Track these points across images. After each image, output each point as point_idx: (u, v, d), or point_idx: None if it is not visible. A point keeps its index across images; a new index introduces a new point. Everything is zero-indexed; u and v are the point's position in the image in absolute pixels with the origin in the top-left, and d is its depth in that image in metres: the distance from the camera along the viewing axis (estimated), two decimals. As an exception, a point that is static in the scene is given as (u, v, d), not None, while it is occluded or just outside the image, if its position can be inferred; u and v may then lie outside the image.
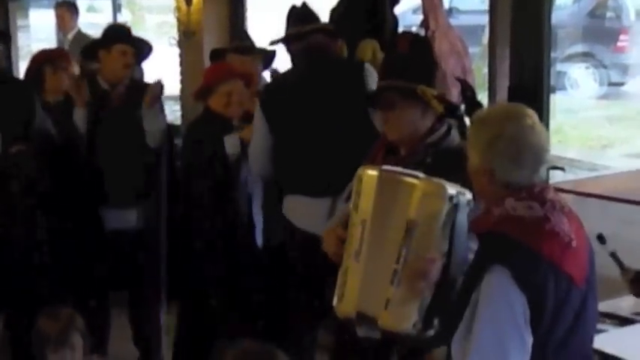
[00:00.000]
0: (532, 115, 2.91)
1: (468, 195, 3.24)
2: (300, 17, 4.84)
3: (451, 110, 3.75)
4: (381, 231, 3.39)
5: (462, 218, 3.24)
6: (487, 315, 2.73)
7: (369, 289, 3.40)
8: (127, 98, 5.42)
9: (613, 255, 4.33)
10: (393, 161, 3.69)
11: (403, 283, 3.26)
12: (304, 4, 4.92)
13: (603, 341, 3.54)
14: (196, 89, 5.28)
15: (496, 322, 2.72)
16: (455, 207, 3.22)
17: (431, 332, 3.27)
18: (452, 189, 3.23)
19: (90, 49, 5.68)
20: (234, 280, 5.11)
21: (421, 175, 3.36)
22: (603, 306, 4.24)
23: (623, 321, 4.00)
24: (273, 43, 5.12)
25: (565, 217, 2.86)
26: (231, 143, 5.05)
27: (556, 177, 7.01)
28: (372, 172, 3.49)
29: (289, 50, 4.91)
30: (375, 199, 3.44)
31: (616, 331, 3.84)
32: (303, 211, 4.65)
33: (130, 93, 5.44)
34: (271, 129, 4.80)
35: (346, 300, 3.50)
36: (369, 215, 3.44)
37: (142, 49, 5.55)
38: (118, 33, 5.58)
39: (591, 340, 2.96)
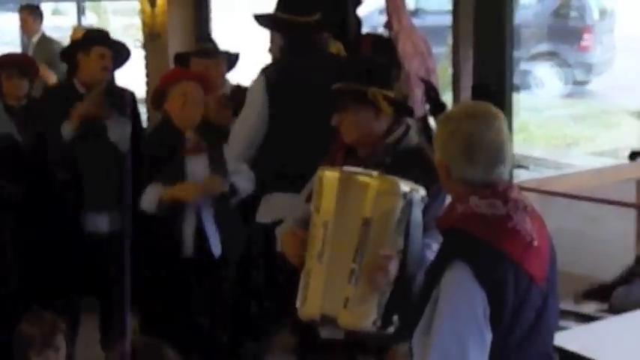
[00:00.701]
0: (496, 114, 2.93)
1: (422, 191, 3.28)
2: (295, 5, 4.79)
3: (404, 112, 3.77)
4: (342, 231, 3.42)
5: (417, 214, 3.28)
6: (447, 311, 2.75)
7: (331, 289, 3.42)
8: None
9: None
10: (353, 162, 3.71)
11: (361, 281, 3.29)
12: None
13: (566, 339, 3.57)
14: (151, 96, 5.17)
15: (456, 317, 2.74)
16: (409, 203, 3.25)
17: (391, 329, 3.30)
18: (405, 186, 3.27)
19: (68, 51, 5.65)
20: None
21: (375, 173, 3.39)
22: (568, 304, 4.31)
23: (587, 319, 4.03)
24: (259, 18, 4.98)
25: (528, 216, 2.88)
26: None
27: (521, 176, 7.06)
28: (332, 174, 3.51)
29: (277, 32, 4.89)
30: (336, 200, 3.46)
31: (579, 328, 3.87)
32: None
33: (107, 97, 5.39)
34: (272, 115, 4.73)
35: (310, 302, 3.51)
36: (330, 216, 3.46)
37: (121, 52, 5.50)
38: (96, 36, 5.54)
39: (552, 339, 2.99)
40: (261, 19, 4.91)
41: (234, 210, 4.96)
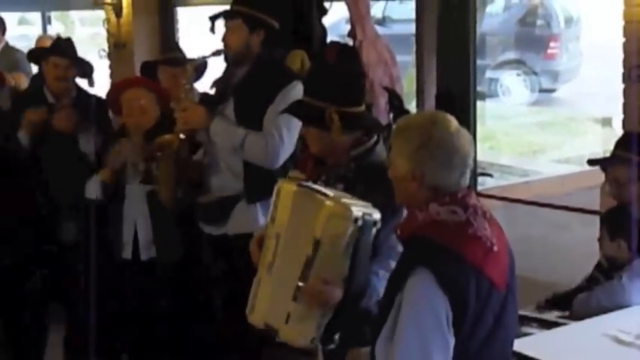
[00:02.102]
0: (454, 120, 2.97)
1: (376, 215, 3.29)
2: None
3: (358, 129, 3.75)
4: (292, 246, 3.43)
5: (366, 241, 3.28)
6: (411, 316, 2.77)
7: (276, 302, 3.45)
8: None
9: None
10: (321, 171, 3.73)
11: (303, 300, 3.31)
12: None
13: (526, 345, 3.59)
14: (109, 105, 5.26)
15: (419, 323, 2.75)
16: (360, 229, 3.26)
17: (331, 346, 3.34)
18: (359, 210, 3.27)
19: (34, 59, 5.70)
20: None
21: (332, 193, 3.39)
22: (533, 310, 4.33)
23: (548, 324, 4.06)
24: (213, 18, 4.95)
25: (487, 222, 2.91)
26: None
27: (486, 183, 7.10)
28: (290, 186, 3.52)
29: None
30: (290, 213, 3.47)
31: (539, 335, 3.90)
32: None
33: (76, 108, 5.38)
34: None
35: (256, 311, 3.54)
36: (283, 229, 3.48)
37: (80, 63, 5.48)
38: (55, 45, 5.53)
39: (511, 344, 3.01)
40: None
41: (171, 214, 4.93)
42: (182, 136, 4.69)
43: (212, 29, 4.69)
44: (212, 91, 4.91)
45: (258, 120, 4.54)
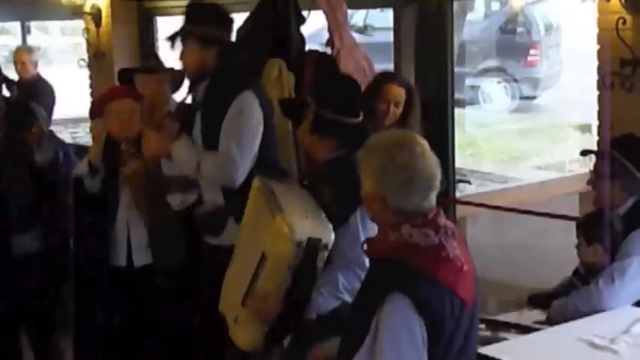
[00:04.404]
0: (422, 143, 2.97)
1: (326, 237, 3.35)
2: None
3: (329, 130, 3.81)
4: (249, 244, 3.52)
5: (310, 262, 3.37)
6: (388, 341, 2.79)
7: (231, 297, 3.52)
8: (8, 123, 5.37)
9: None
10: (311, 167, 3.90)
11: (248, 308, 3.41)
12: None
13: (502, 350, 3.62)
14: (89, 111, 5.29)
15: (397, 347, 2.78)
16: (306, 252, 3.31)
17: (277, 350, 3.41)
18: (304, 234, 3.31)
19: None
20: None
21: (286, 209, 3.44)
22: (507, 316, 4.36)
23: (524, 330, 4.08)
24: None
25: (455, 241, 2.95)
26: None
27: (466, 190, 7.12)
28: (256, 184, 3.62)
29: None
30: (251, 209, 3.55)
31: (517, 339, 3.92)
32: None
33: (11, 116, 5.38)
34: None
35: (222, 298, 3.65)
36: (245, 225, 3.55)
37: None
38: None
39: (474, 353, 3.07)
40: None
41: (172, 219, 4.94)
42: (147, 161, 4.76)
43: (172, 46, 4.70)
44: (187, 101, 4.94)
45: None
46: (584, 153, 4.51)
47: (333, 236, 3.39)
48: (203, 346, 4.83)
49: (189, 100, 4.93)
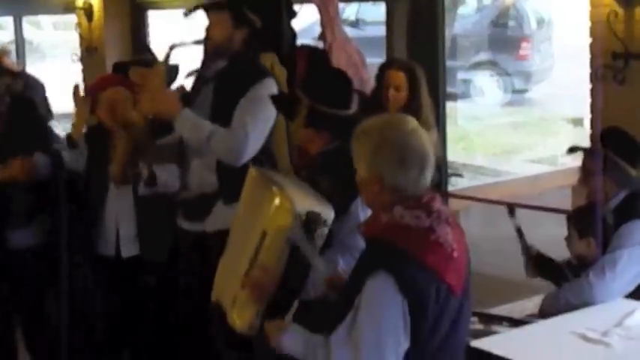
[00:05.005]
0: (412, 121, 3.00)
1: (326, 214, 3.35)
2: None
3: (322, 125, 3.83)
4: (245, 230, 3.53)
5: (309, 236, 3.35)
6: (369, 320, 2.80)
7: (228, 283, 3.53)
8: (9, 117, 5.38)
9: (519, 230, 4.66)
10: (304, 160, 3.86)
11: (247, 287, 3.39)
12: None
13: (494, 343, 3.63)
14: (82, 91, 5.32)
15: (378, 329, 2.78)
16: (304, 225, 3.32)
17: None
18: (304, 207, 3.33)
19: None
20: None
21: (288, 185, 3.47)
22: (499, 309, 4.37)
23: (515, 323, 4.09)
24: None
25: (449, 227, 2.95)
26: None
27: (459, 184, 7.13)
28: (252, 172, 3.65)
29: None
30: (247, 198, 3.57)
31: (508, 332, 3.93)
32: None
33: (13, 110, 5.38)
34: None
35: (215, 287, 3.70)
36: (242, 211, 3.58)
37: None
38: None
39: (463, 346, 3.07)
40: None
41: (161, 210, 4.93)
42: (150, 116, 4.69)
43: (186, 15, 4.68)
44: (187, 82, 4.92)
45: (232, 113, 4.54)
46: (572, 150, 4.51)
47: (332, 214, 3.40)
48: (189, 339, 4.85)
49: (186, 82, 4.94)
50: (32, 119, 5.47)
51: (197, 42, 4.69)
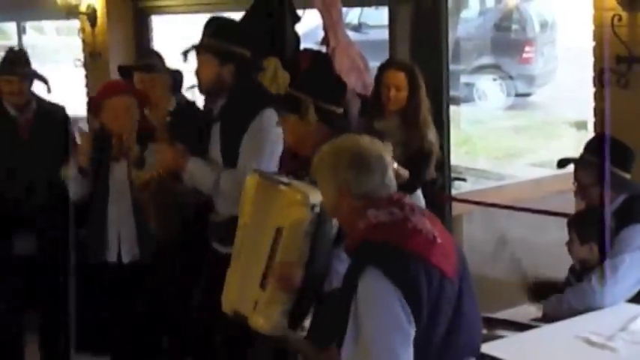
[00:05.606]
0: (358, 135, 3.13)
1: None
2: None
3: (330, 122, 3.88)
4: (257, 235, 3.56)
5: (326, 226, 3.43)
6: (370, 319, 2.84)
7: (244, 289, 3.55)
8: (33, 127, 5.44)
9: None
10: (296, 165, 3.88)
11: (269, 286, 3.45)
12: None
13: (498, 347, 3.62)
14: (88, 106, 5.32)
15: (382, 325, 2.82)
16: (318, 215, 3.36)
17: (302, 334, 3.42)
18: (315, 199, 3.37)
19: None
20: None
21: (293, 182, 3.50)
22: (504, 314, 4.37)
23: (521, 327, 4.09)
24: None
25: (426, 219, 3.03)
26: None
27: (461, 187, 7.12)
28: (253, 178, 3.69)
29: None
30: (253, 204, 3.60)
31: (513, 337, 3.92)
32: None
33: (37, 120, 5.44)
34: None
35: (226, 298, 3.71)
36: (248, 219, 3.61)
37: (31, 74, 5.52)
38: (4, 64, 5.51)
39: (476, 337, 3.08)
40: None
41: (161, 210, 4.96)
42: (161, 171, 4.71)
43: (185, 59, 4.68)
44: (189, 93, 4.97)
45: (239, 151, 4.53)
46: (562, 163, 4.51)
47: None
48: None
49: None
50: (58, 127, 5.53)
51: (191, 87, 4.77)
